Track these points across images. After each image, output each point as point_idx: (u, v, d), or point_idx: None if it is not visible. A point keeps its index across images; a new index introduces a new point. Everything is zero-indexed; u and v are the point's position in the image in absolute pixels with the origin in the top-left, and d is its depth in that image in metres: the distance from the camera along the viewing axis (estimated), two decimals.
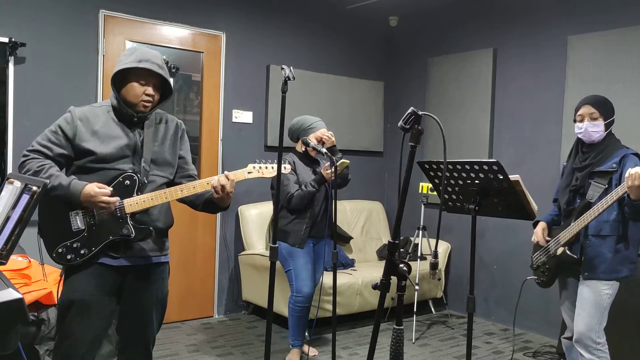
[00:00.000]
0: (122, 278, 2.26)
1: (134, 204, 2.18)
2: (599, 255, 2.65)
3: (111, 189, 2.15)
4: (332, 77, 5.26)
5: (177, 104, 4.58)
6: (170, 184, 2.36)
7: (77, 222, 2.16)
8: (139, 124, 2.29)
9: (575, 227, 2.65)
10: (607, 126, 2.70)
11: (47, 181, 1.57)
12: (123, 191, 2.18)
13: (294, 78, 2.46)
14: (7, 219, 1.51)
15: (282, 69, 2.46)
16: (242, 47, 4.76)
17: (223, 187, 2.21)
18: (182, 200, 2.34)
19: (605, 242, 2.65)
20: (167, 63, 4.36)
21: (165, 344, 3.99)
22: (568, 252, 2.73)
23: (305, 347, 3.80)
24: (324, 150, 3.32)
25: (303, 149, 3.65)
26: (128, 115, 2.25)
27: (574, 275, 2.81)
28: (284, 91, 2.49)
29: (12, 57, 3.69)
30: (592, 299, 2.66)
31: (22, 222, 1.52)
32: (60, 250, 2.14)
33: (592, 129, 2.69)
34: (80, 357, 2.16)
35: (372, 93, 5.59)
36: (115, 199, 2.14)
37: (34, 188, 1.52)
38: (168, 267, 2.41)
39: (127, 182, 2.19)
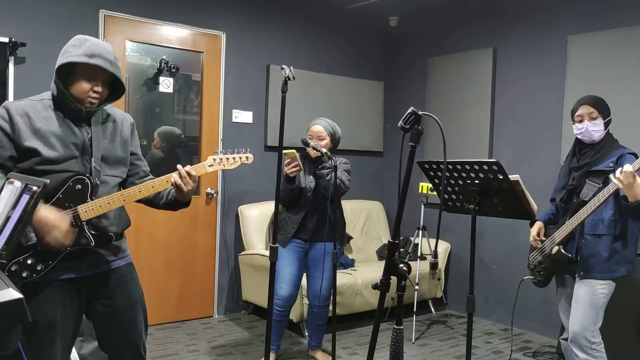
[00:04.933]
0: (87, 289, 2.11)
1: (89, 210, 1.99)
2: (595, 254, 2.65)
3: (69, 219, 1.96)
4: (332, 77, 5.26)
5: (177, 104, 4.58)
6: (122, 183, 2.22)
7: (29, 235, 1.89)
8: (86, 120, 2.09)
9: (569, 225, 2.66)
10: (606, 125, 2.71)
11: (47, 181, 1.57)
12: (75, 197, 1.99)
13: (293, 78, 2.46)
14: (8, 219, 1.51)
15: (282, 69, 2.46)
16: (242, 47, 4.76)
17: (184, 183, 2.08)
18: (138, 200, 2.17)
19: (601, 241, 2.65)
20: (167, 63, 4.39)
21: (165, 344, 3.99)
22: (563, 250, 2.74)
23: (319, 354, 3.75)
24: (324, 150, 3.27)
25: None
26: (75, 110, 2.04)
27: (570, 273, 2.82)
28: (284, 91, 2.49)
29: (12, 57, 3.69)
30: (587, 299, 2.66)
31: (23, 222, 1.52)
32: (13, 268, 1.90)
33: (593, 128, 2.69)
34: None
35: (372, 93, 5.59)
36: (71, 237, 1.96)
37: (34, 188, 1.52)
38: (133, 267, 2.26)
39: (79, 186, 1.99)
